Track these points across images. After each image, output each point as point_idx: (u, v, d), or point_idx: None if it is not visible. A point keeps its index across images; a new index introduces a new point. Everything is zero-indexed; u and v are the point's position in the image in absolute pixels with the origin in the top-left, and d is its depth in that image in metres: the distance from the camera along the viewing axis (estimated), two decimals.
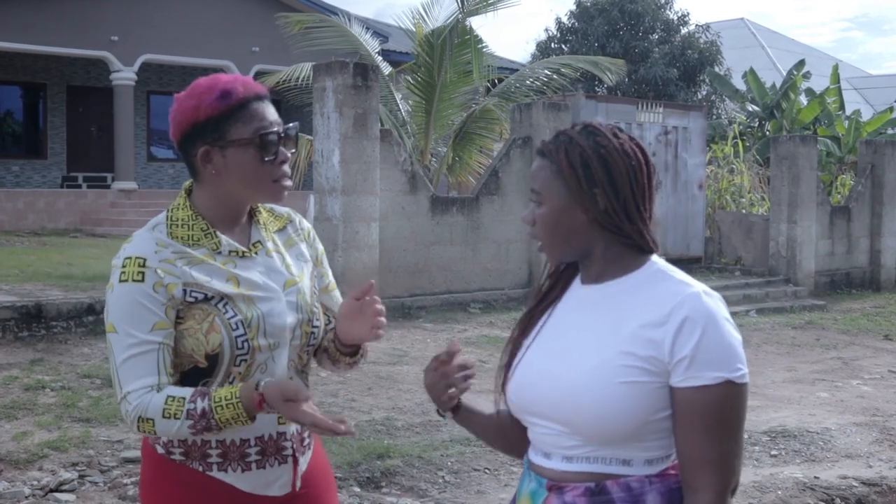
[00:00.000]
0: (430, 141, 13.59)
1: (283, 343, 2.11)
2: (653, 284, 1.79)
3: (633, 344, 1.71)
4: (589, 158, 1.78)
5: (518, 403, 1.89)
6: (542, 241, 1.85)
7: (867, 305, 13.88)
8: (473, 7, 13.22)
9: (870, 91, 42.86)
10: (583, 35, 29.78)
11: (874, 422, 6.93)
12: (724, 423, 1.68)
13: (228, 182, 2.08)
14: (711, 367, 1.67)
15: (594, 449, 1.74)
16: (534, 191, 1.85)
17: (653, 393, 1.69)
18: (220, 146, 2.05)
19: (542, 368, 1.83)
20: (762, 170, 18.94)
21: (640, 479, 1.72)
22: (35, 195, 19.20)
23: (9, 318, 8.56)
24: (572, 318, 1.86)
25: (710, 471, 1.67)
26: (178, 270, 2.02)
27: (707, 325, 1.68)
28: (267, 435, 2.10)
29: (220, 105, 2.04)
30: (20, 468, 5.18)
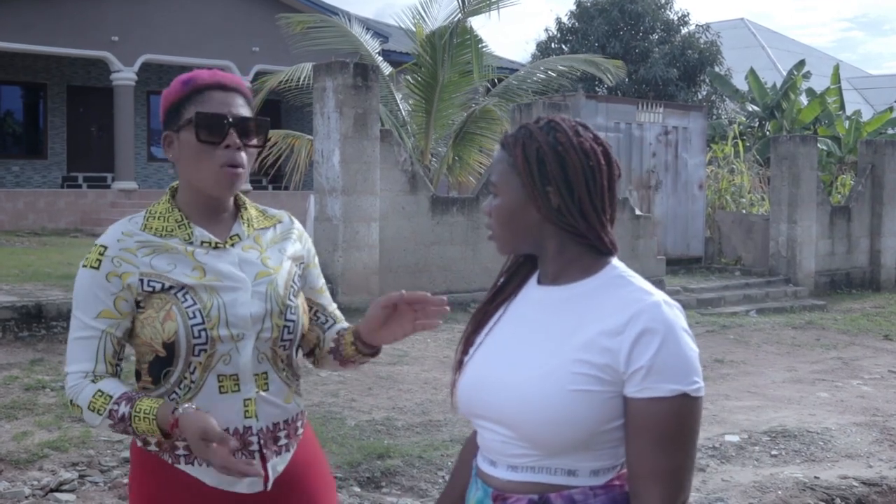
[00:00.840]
0: (430, 141, 13.59)
1: (247, 335, 2.07)
2: (611, 290, 1.73)
3: (587, 351, 1.66)
4: (545, 154, 1.74)
5: (465, 404, 1.84)
6: (494, 232, 1.82)
7: (867, 305, 13.88)
8: (474, 7, 13.23)
9: (870, 91, 42.86)
10: (583, 35, 29.78)
11: (874, 422, 6.93)
12: (677, 436, 1.62)
13: (184, 168, 2.09)
14: (668, 379, 1.61)
15: (540, 458, 1.69)
16: (490, 182, 1.82)
17: (605, 402, 1.64)
18: (175, 130, 2.07)
19: (491, 370, 1.78)
20: (762, 170, 18.95)
21: (583, 491, 1.67)
22: (35, 195, 19.20)
23: (9, 318, 8.57)
24: (526, 318, 1.81)
25: (659, 484, 1.62)
26: (138, 260, 2.03)
27: (666, 336, 1.62)
28: (232, 429, 2.06)
29: (181, 89, 2.07)
30: (20, 468, 5.18)
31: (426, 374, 7.79)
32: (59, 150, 21.94)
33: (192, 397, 2.05)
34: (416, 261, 11.26)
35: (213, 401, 2.05)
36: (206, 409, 2.00)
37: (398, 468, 5.39)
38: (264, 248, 2.17)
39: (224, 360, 2.05)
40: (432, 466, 5.45)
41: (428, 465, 5.47)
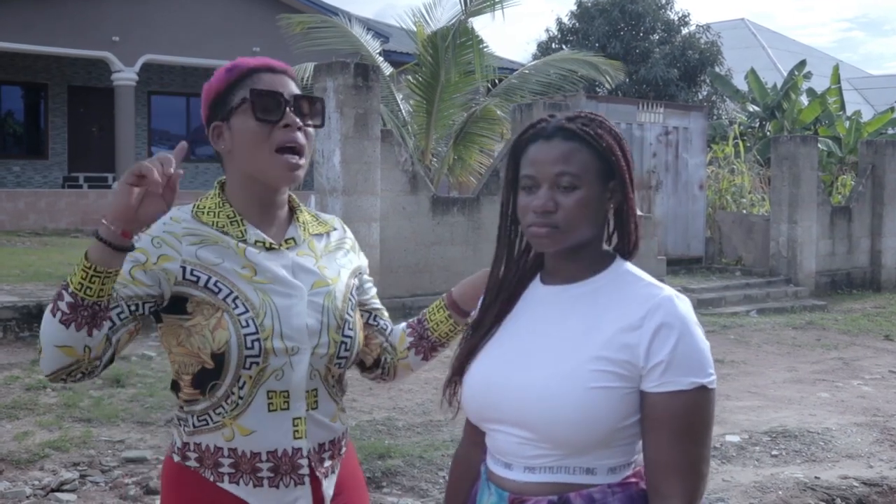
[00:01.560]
0: (431, 141, 13.60)
1: (303, 349, 1.91)
2: (623, 286, 1.73)
3: (606, 348, 1.66)
4: (623, 146, 1.75)
5: (476, 409, 1.81)
6: (567, 227, 1.70)
7: (868, 306, 13.88)
8: (476, 7, 13.23)
9: (870, 91, 42.86)
10: (583, 35, 29.78)
11: (875, 422, 6.93)
12: (695, 428, 1.64)
13: (238, 159, 1.93)
14: (686, 372, 1.62)
15: (559, 458, 1.68)
16: (568, 174, 1.70)
17: (624, 398, 1.65)
18: (225, 118, 1.92)
19: (504, 372, 1.75)
20: (763, 170, 18.94)
21: (602, 490, 1.67)
22: (36, 195, 19.20)
23: (10, 318, 8.58)
24: (536, 318, 1.79)
25: (681, 477, 1.63)
26: (181, 248, 1.87)
27: (682, 331, 1.64)
28: (280, 450, 1.90)
29: (226, 76, 1.93)
30: (21, 468, 5.18)
31: (427, 374, 7.79)
32: (59, 151, 21.94)
33: (238, 414, 1.88)
34: (416, 261, 11.26)
35: (262, 419, 1.89)
36: (253, 429, 1.88)
37: (399, 468, 5.39)
38: (319, 255, 2.03)
39: (276, 375, 1.88)
40: (433, 466, 5.46)
41: (429, 465, 5.47)
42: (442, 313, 2.16)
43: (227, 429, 1.89)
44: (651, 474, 1.66)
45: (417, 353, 2.17)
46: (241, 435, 1.89)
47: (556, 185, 1.71)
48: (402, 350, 2.17)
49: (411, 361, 2.18)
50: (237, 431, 1.89)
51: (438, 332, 2.16)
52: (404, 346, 2.17)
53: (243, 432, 1.89)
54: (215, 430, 1.90)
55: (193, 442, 1.92)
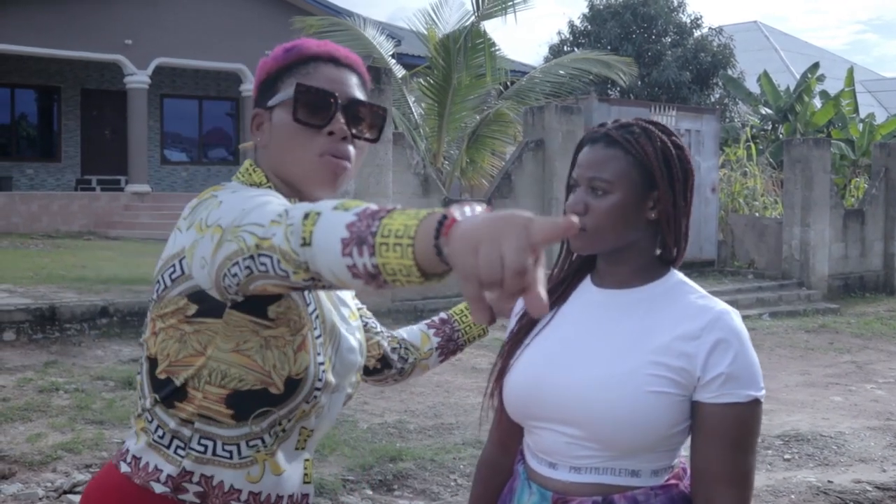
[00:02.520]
0: (442, 144, 13.60)
1: (343, 387, 1.72)
2: (679, 296, 1.76)
3: (664, 354, 1.68)
4: (670, 154, 1.76)
5: (519, 406, 1.80)
6: (595, 230, 1.72)
7: (881, 309, 13.82)
8: (488, 10, 13.24)
9: (884, 94, 42.71)
10: (595, 38, 29.76)
11: (888, 426, 6.90)
12: (747, 439, 1.68)
13: (275, 155, 1.63)
14: (743, 385, 1.67)
15: (605, 459, 1.69)
16: (600, 179, 1.73)
17: (677, 405, 1.68)
18: (267, 107, 1.63)
19: (553, 371, 1.75)
20: (775, 173, 18.89)
21: (645, 492, 1.69)
22: (49, 198, 19.28)
23: (23, 321, 8.61)
24: (589, 320, 1.79)
25: (732, 487, 1.66)
26: None
27: (740, 345, 1.69)
28: (297, 496, 1.69)
29: (282, 57, 1.64)
30: (34, 470, 5.20)
31: (438, 377, 7.79)
32: (72, 153, 22.03)
33: (275, 450, 1.61)
34: None
35: (290, 458, 1.65)
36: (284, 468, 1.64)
37: (410, 471, 5.39)
38: None
39: (317, 412, 1.65)
40: (444, 469, 5.45)
41: (440, 468, 5.47)
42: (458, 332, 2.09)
43: (256, 466, 1.59)
44: (701, 484, 1.68)
45: (441, 354, 2.09)
46: (272, 474, 1.61)
47: (590, 188, 1.74)
48: (426, 350, 2.07)
49: (430, 362, 2.09)
50: (269, 469, 1.61)
51: (468, 335, 2.10)
52: (429, 346, 2.06)
53: (276, 471, 1.62)
54: (240, 466, 1.58)
55: (201, 473, 1.57)
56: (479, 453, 2.04)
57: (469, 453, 5.71)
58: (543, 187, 12.35)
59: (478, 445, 5.83)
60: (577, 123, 12.56)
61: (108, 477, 1.64)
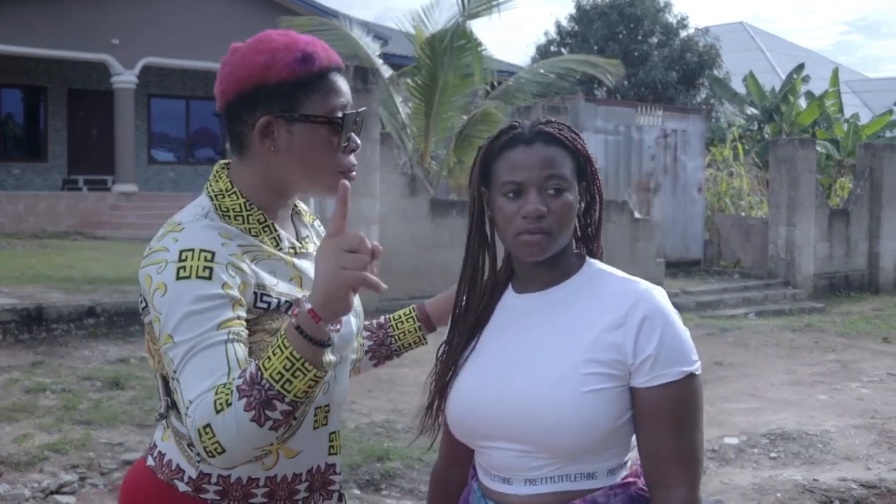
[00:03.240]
0: (430, 144, 13.61)
1: (346, 358, 1.79)
2: (599, 286, 1.73)
3: (594, 350, 1.65)
4: (590, 152, 1.78)
5: (465, 427, 1.77)
6: (556, 231, 1.69)
7: (866, 308, 13.90)
8: (474, 10, 13.25)
9: (868, 94, 42.90)
10: (582, 38, 29.80)
11: (873, 424, 6.94)
12: (689, 415, 1.66)
13: (286, 164, 1.69)
14: (674, 363, 1.64)
15: (559, 467, 1.67)
16: (558, 177, 1.69)
17: (616, 397, 1.65)
18: (287, 119, 1.66)
19: (491, 387, 1.72)
20: (761, 173, 18.97)
21: (604, 493, 1.68)
22: (36, 198, 19.21)
23: (9, 321, 8.58)
24: (516, 330, 1.76)
25: (682, 465, 1.64)
26: (250, 268, 1.63)
27: (665, 322, 1.65)
28: (315, 467, 1.77)
29: (299, 69, 1.66)
30: (21, 470, 5.19)
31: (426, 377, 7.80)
32: (59, 153, 21.94)
33: (290, 436, 1.68)
34: (416, 264, 11.27)
35: (307, 438, 1.73)
36: (299, 449, 1.72)
37: (398, 471, 5.40)
38: None
39: (323, 390, 1.71)
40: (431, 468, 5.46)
41: (427, 467, 5.48)
42: (411, 324, 2.09)
43: (269, 456, 1.68)
44: (651, 467, 1.67)
45: (373, 358, 2.09)
46: (285, 458, 1.71)
47: (543, 189, 1.69)
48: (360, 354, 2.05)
49: (363, 365, 2.09)
50: (283, 455, 1.70)
51: (402, 342, 2.09)
52: (361, 348, 2.05)
53: (289, 454, 1.71)
54: (254, 460, 1.63)
55: (218, 474, 1.67)
56: None
57: None
58: None
59: None
60: None
61: (140, 469, 1.76)
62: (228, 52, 1.72)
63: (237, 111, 1.69)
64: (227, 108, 1.70)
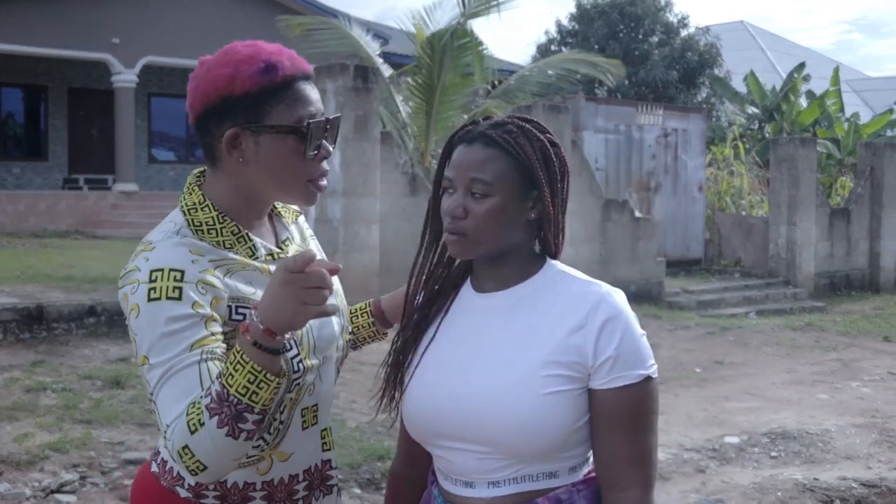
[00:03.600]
0: (430, 143, 13.59)
1: (329, 358, 1.82)
2: (559, 287, 1.73)
3: (555, 352, 1.65)
4: (548, 154, 1.72)
5: (423, 428, 1.76)
6: (475, 235, 1.68)
7: (866, 307, 13.89)
8: (475, 9, 13.24)
9: (869, 93, 42.89)
10: (583, 37, 29.79)
11: (874, 423, 6.94)
12: (645, 418, 1.66)
13: (256, 175, 1.71)
14: (633, 365, 1.65)
15: (521, 468, 1.67)
16: (480, 181, 1.67)
17: (576, 399, 1.65)
18: (254, 130, 1.67)
19: (451, 387, 1.71)
20: (762, 172, 18.96)
21: (567, 490, 1.68)
22: (36, 197, 19.21)
23: (10, 320, 8.58)
24: (474, 329, 1.75)
25: (635, 467, 1.65)
26: (222, 283, 1.65)
27: (625, 326, 1.66)
28: (312, 465, 1.82)
29: (262, 80, 1.66)
30: (21, 469, 5.19)
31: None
32: (59, 153, 21.95)
33: (280, 441, 1.74)
34: None
35: (298, 439, 1.77)
36: (291, 451, 1.76)
37: None
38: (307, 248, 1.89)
39: (309, 390, 1.76)
40: None
41: None
42: (365, 319, 2.10)
43: (263, 462, 1.74)
44: (605, 469, 1.67)
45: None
46: (279, 462, 1.75)
47: (469, 191, 1.69)
48: None
49: None
50: (276, 459, 1.75)
51: (357, 335, 2.10)
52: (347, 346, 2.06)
53: (282, 458, 1.76)
54: (249, 465, 1.72)
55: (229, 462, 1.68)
56: None
57: None
58: None
59: None
60: (565, 123, 12.58)
61: (145, 475, 1.83)
62: (196, 67, 1.76)
63: (206, 124, 1.71)
64: (196, 121, 1.73)
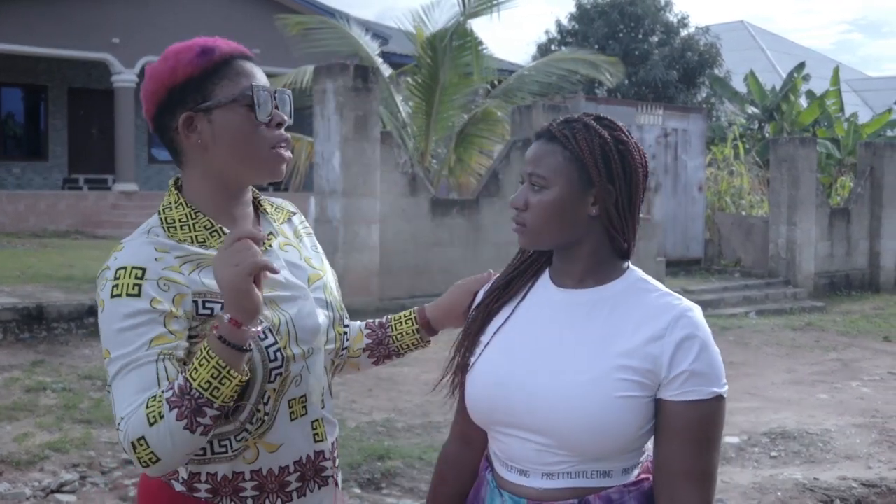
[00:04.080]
0: (430, 143, 13.60)
1: (317, 349, 1.82)
2: (640, 295, 1.75)
3: (630, 357, 1.67)
4: (610, 151, 1.73)
5: (485, 411, 1.78)
6: (533, 226, 1.75)
7: (866, 307, 13.89)
8: (474, 9, 13.24)
9: (869, 93, 42.89)
10: (583, 37, 29.81)
11: (873, 423, 6.94)
12: (710, 436, 1.67)
13: (218, 155, 1.74)
14: (706, 382, 1.66)
15: (577, 463, 1.69)
16: (537, 175, 1.74)
17: (644, 407, 1.67)
18: (205, 110, 1.72)
19: (517, 375, 1.73)
20: (762, 172, 18.96)
21: (619, 490, 1.70)
22: (36, 197, 19.21)
23: (10, 320, 8.58)
24: (550, 320, 1.77)
25: (695, 483, 1.66)
26: (186, 279, 1.68)
27: (703, 342, 1.68)
28: (305, 457, 1.82)
29: (200, 62, 1.73)
30: (21, 469, 5.19)
31: (426, 376, 7.79)
32: (59, 152, 21.95)
33: (265, 431, 1.75)
34: (416, 263, 11.27)
35: (286, 430, 1.79)
36: (279, 442, 1.78)
37: (398, 469, 5.40)
38: (298, 245, 1.92)
39: (296, 381, 1.78)
40: (432, 468, 5.45)
41: (428, 466, 5.48)
42: (410, 325, 2.11)
43: (249, 451, 1.76)
44: (664, 481, 1.68)
45: (371, 356, 2.12)
46: (267, 452, 1.77)
47: (531, 184, 1.77)
48: (356, 349, 2.10)
49: (361, 362, 2.12)
50: (262, 450, 1.77)
51: (400, 343, 2.11)
52: (359, 345, 2.10)
53: (270, 449, 1.77)
54: (234, 457, 1.75)
55: (206, 472, 1.76)
56: None
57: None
58: None
59: None
60: None
61: None
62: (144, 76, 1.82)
63: (161, 121, 1.77)
64: (153, 123, 1.78)
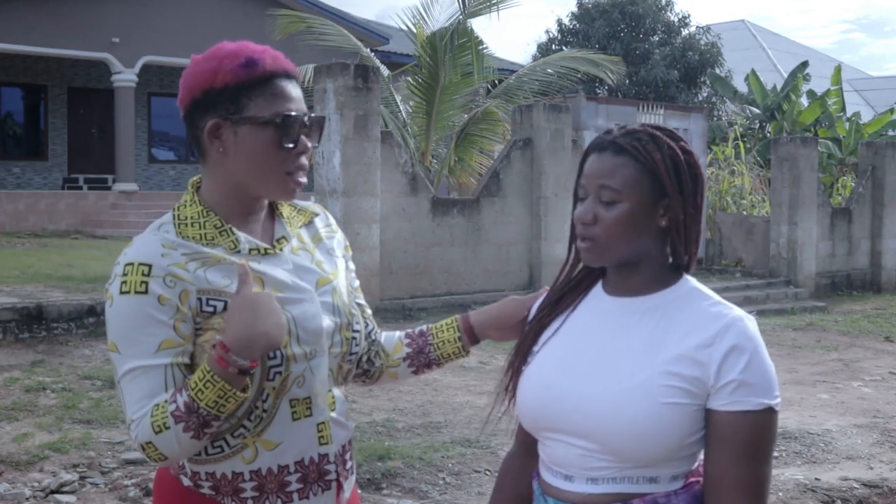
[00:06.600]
0: (430, 142, 13.59)
1: (320, 351, 1.83)
2: (692, 303, 1.73)
3: (677, 364, 1.66)
4: (679, 163, 1.73)
5: (534, 416, 1.78)
6: (605, 241, 1.71)
7: (868, 307, 13.88)
8: (474, 8, 13.24)
9: (871, 93, 42.89)
10: (584, 36, 29.82)
11: (875, 423, 6.93)
12: (761, 448, 1.65)
13: (234, 165, 1.79)
14: (756, 393, 1.64)
15: (623, 469, 1.68)
16: (609, 188, 1.70)
17: (692, 415, 1.66)
18: (234, 121, 1.76)
19: (566, 381, 1.73)
20: (763, 171, 18.96)
21: (665, 494, 1.68)
22: (36, 197, 19.20)
23: (10, 320, 8.57)
24: (600, 329, 1.77)
25: (745, 495, 1.64)
26: (192, 276, 1.72)
27: (753, 352, 1.65)
28: (307, 458, 1.83)
29: (242, 73, 1.76)
30: (21, 470, 5.18)
31: (426, 376, 7.79)
32: (59, 152, 21.95)
33: (263, 429, 1.78)
34: (416, 262, 11.26)
35: (287, 430, 1.80)
36: (279, 440, 1.79)
37: (399, 470, 5.39)
38: (312, 249, 1.93)
39: (298, 382, 1.79)
40: (433, 468, 5.45)
41: (428, 466, 5.47)
42: (452, 333, 2.09)
43: (248, 449, 1.78)
44: (714, 492, 1.66)
45: (411, 365, 2.10)
46: (265, 450, 1.79)
47: (599, 198, 1.72)
48: (396, 358, 2.09)
49: (400, 371, 2.11)
50: (261, 448, 1.79)
51: (441, 351, 2.09)
52: (399, 354, 2.09)
53: (268, 447, 1.79)
54: (232, 455, 1.78)
55: (205, 471, 1.80)
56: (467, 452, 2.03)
57: (457, 452, 5.71)
58: (531, 185, 12.37)
59: (466, 444, 5.84)
60: (565, 122, 12.58)
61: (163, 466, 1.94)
62: (190, 64, 1.85)
63: (193, 117, 1.81)
64: (185, 116, 1.83)
